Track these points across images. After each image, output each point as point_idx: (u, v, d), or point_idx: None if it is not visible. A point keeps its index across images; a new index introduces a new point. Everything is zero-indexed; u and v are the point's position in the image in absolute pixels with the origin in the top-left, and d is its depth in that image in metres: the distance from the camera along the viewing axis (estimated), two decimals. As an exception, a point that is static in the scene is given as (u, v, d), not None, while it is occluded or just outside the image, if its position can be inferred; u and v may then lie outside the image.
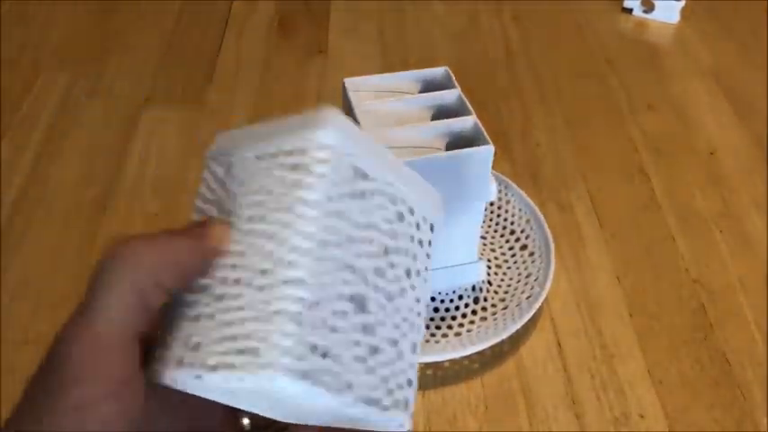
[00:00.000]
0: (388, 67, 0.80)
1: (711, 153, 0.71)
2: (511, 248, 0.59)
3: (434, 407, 0.49)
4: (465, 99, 0.50)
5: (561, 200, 0.65)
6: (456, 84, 0.51)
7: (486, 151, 0.47)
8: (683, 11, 0.89)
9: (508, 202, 0.62)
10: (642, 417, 0.49)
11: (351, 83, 0.51)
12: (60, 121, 0.72)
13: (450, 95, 0.51)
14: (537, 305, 0.53)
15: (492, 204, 0.62)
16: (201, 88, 0.77)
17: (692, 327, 0.55)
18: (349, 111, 0.50)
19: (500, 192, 0.62)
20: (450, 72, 0.52)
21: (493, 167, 0.49)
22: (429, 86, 0.53)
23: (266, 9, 0.90)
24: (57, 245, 0.60)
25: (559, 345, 0.53)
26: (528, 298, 0.54)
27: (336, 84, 0.77)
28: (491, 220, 0.62)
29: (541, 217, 0.60)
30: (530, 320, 0.54)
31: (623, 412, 0.49)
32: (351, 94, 0.50)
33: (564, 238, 0.61)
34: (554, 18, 0.90)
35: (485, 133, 0.48)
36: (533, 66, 0.82)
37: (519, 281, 0.56)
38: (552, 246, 0.57)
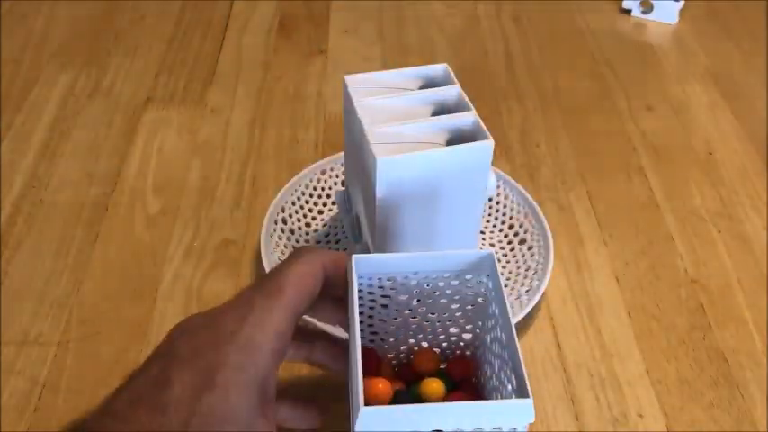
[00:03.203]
0: (387, 67, 0.79)
1: (710, 153, 0.71)
2: (510, 243, 0.60)
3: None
4: (464, 95, 0.50)
5: (560, 200, 0.65)
6: (455, 80, 0.52)
7: (486, 146, 0.47)
8: (682, 12, 0.90)
9: (506, 197, 0.62)
10: (641, 416, 0.49)
11: (351, 80, 0.52)
12: (61, 121, 0.72)
13: (449, 92, 0.51)
14: (537, 297, 0.53)
15: (491, 200, 0.62)
16: (202, 88, 0.77)
17: (690, 326, 0.55)
18: (349, 107, 0.50)
19: (498, 187, 0.62)
20: (450, 69, 0.53)
21: (492, 166, 0.50)
22: (428, 83, 0.53)
23: (267, 9, 0.90)
24: (57, 245, 0.60)
25: (558, 344, 0.53)
26: (527, 291, 0.54)
27: (336, 84, 0.78)
28: (490, 215, 0.62)
29: (540, 212, 0.60)
30: (529, 320, 0.55)
31: (622, 412, 0.49)
32: (351, 91, 0.51)
33: (563, 239, 0.61)
34: (553, 19, 0.90)
35: (485, 128, 0.48)
36: (532, 66, 0.82)
37: (518, 274, 0.57)
38: (551, 240, 0.57)
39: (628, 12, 0.91)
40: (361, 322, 0.43)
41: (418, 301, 0.43)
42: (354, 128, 0.50)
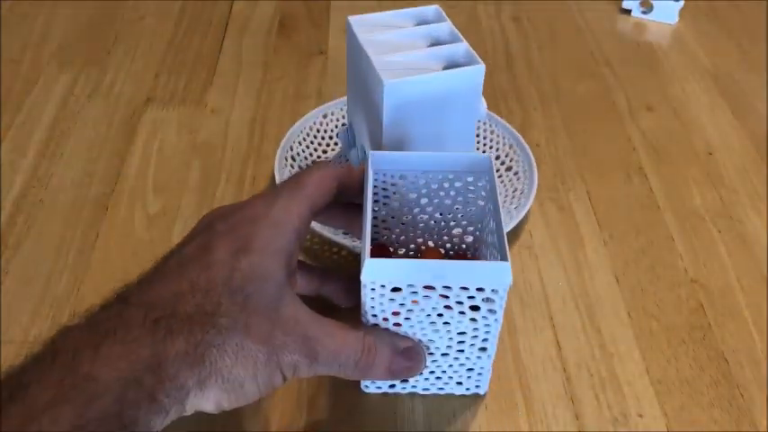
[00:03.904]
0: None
1: (710, 153, 0.71)
2: (497, 170, 0.65)
3: (433, 406, 0.49)
4: (456, 30, 0.56)
5: (560, 200, 0.65)
6: (447, 18, 0.57)
7: (479, 70, 0.53)
8: (682, 12, 0.90)
9: (493, 132, 0.68)
10: (641, 416, 0.49)
11: (354, 19, 0.57)
12: (61, 121, 0.72)
13: (442, 27, 0.57)
14: (524, 212, 0.59)
15: (478, 136, 0.67)
16: (202, 88, 0.77)
17: (690, 326, 0.55)
18: (354, 43, 0.55)
19: (485, 123, 0.68)
20: (441, 9, 0.58)
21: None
22: (423, 21, 0.58)
23: (267, 9, 0.90)
24: (57, 245, 0.60)
25: (558, 344, 0.53)
26: (516, 208, 0.60)
27: (336, 84, 0.78)
28: (478, 149, 0.67)
29: (523, 141, 0.66)
30: (529, 320, 0.55)
31: (622, 412, 0.49)
32: (355, 28, 0.56)
33: (563, 239, 0.61)
34: (553, 19, 0.90)
35: (476, 56, 0.53)
36: (532, 66, 0.82)
37: (507, 195, 0.62)
38: (534, 164, 0.63)
39: (628, 12, 0.91)
40: (375, 218, 0.50)
41: (426, 200, 0.50)
42: (360, 60, 0.54)
